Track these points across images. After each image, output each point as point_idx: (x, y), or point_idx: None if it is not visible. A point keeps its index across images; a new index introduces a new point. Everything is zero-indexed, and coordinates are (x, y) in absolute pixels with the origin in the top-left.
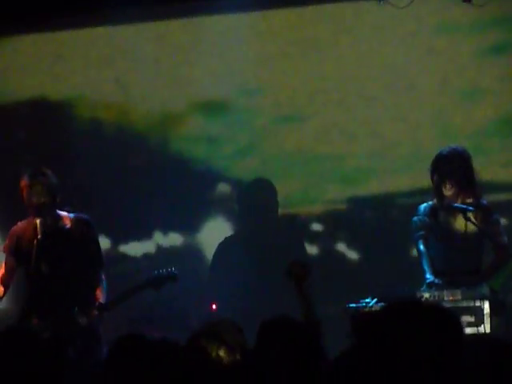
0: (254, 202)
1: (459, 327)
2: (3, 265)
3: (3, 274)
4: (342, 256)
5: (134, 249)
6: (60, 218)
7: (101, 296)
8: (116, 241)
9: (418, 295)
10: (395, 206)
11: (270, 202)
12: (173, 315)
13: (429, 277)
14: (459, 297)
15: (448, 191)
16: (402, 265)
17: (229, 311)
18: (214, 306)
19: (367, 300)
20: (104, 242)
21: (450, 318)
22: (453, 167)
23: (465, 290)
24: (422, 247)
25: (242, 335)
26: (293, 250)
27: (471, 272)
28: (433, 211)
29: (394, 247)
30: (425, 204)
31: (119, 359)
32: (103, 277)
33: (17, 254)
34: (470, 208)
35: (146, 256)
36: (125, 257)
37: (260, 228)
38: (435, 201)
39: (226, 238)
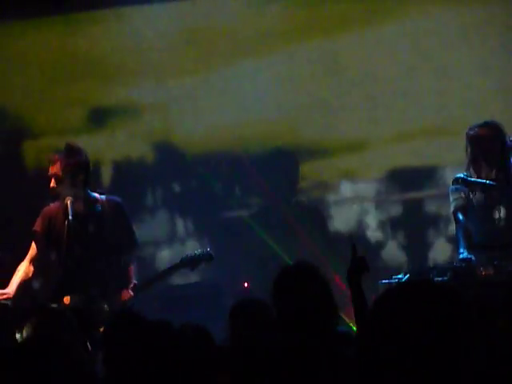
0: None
1: (464, 309)
2: (34, 245)
3: (34, 255)
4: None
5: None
6: (92, 199)
7: (132, 276)
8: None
9: (451, 269)
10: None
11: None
12: (205, 294)
13: (462, 251)
14: (491, 271)
15: (484, 165)
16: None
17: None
18: (246, 284)
19: (399, 276)
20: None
21: (455, 299)
22: (491, 143)
23: (498, 265)
24: (460, 217)
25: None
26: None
27: (509, 245)
28: (468, 183)
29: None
30: (460, 174)
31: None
32: (134, 256)
33: (48, 234)
34: (489, 182)
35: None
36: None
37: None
38: (469, 172)
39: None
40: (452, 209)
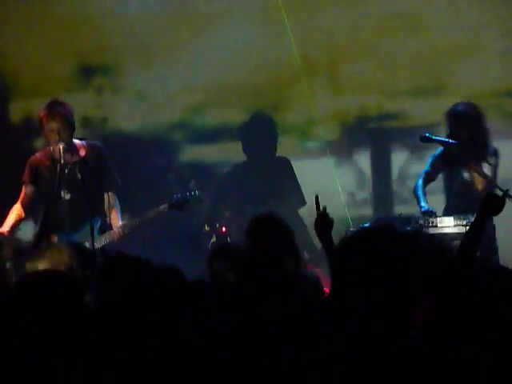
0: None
1: (421, 254)
2: (24, 191)
3: (23, 200)
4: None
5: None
6: (75, 146)
7: (117, 216)
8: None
9: (413, 220)
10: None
11: (271, 134)
12: (186, 237)
13: (423, 205)
14: (451, 223)
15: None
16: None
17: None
18: (223, 229)
19: (366, 225)
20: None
21: (411, 243)
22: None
23: (456, 217)
24: (419, 181)
25: None
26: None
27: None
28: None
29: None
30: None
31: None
32: (116, 198)
33: (36, 181)
34: (452, 141)
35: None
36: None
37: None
38: None
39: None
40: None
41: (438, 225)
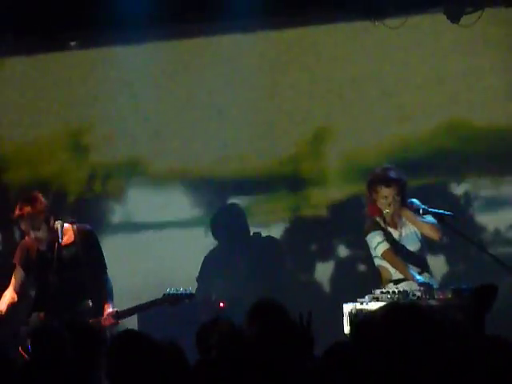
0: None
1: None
2: (15, 274)
3: (15, 284)
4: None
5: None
6: (65, 230)
7: (107, 298)
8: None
9: (411, 294)
10: None
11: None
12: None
13: (419, 278)
14: (449, 295)
15: None
16: None
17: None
18: (221, 304)
19: (365, 299)
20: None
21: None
22: None
23: (455, 289)
24: None
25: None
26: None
27: None
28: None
29: None
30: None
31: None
32: (108, 278)
33: (26, 264)
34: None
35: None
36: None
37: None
38: None
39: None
40: None
41: (436, 297)
